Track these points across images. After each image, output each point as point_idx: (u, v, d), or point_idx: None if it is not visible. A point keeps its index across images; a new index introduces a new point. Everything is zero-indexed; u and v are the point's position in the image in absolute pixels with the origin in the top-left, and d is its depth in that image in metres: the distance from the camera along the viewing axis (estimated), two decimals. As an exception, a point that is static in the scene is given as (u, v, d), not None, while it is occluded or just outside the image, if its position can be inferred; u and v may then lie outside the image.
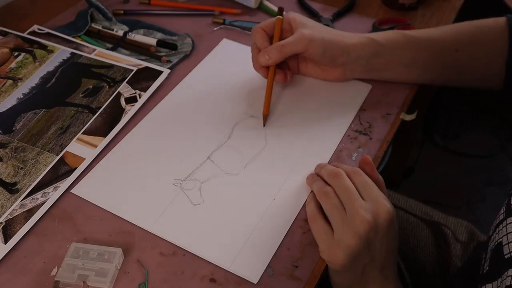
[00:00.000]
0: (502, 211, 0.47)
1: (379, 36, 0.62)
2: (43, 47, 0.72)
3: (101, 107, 0.63)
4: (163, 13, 0.80)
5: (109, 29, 0.75)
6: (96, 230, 0.50)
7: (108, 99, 0.64)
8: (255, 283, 0.46)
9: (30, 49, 0.72)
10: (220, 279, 0.47)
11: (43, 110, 0.63)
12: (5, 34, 0.75)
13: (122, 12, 0.80)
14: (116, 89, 0.66)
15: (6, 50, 0.72)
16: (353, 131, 0.61)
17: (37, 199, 0.53)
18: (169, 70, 0.68)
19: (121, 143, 0.59)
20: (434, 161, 1.58)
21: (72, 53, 0.71)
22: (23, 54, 0.71)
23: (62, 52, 0.71)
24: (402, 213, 0.74)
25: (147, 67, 0.69)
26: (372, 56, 0.61)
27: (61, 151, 0.58)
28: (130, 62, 0.70)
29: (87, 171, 0.56)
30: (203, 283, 0.46)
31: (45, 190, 0.54)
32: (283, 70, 0.63)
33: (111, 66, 0.69)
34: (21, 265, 0.48)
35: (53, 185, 0.54)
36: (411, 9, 0.81)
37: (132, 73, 0.68)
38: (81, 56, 0.71)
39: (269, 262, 0.48)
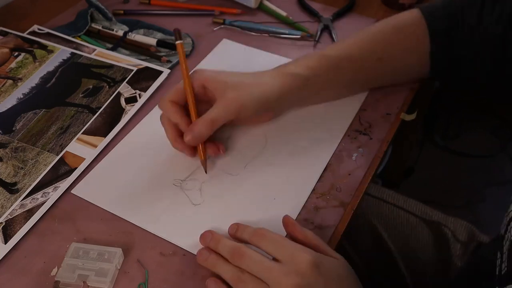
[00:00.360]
0: None
1: (299, 66, 0.57)
2: (43, 47, 0.72)
3: (101, 107, 0.63)
4: (163, 13, 0.80)
5: (109, 29, 0.75)
6: (96, 230, 0.50)
7: (108, 99, 0.64)
8: (255, 283, 0.46)
9: (30, 49, 0.72)
10: (220, 279, 0.47)
11: (43, 110, 0.63)
12: (5, 34, 0.75)
13: (122, 12, 0.80)
14: (116, 89, 0.66)
15: (6, 50, 0.72)
16: (353, 131, 0.61)
17: (37, 199, 0.53)
18: (169, 70, 0.68)
19: (121, 143, 0.59)
20: (434, 161, 1.58)
21: (72, 53, 0.71)
22: (23, 54, 0.71)
23: (62, 52, 0.71)
24: (402, 213, 0.74)
25: (147, 67, 0.69)
26: (300, 91, 0.58)
27: (61, 151, 0.58)
28: (130, 62, 0.70)
29: (87, 171, 0.56)
30: (203, 283, 0.46)
31: (45, 190, 0.54)
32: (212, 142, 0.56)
33: (111, 66, 0.69)
34: (21, 265, 0.48)
35: (53, 185, 0.54)
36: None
37: (132, 73, 0.68)
38: (81, 56, 0.71)
39: (269, 262, 0.48)
